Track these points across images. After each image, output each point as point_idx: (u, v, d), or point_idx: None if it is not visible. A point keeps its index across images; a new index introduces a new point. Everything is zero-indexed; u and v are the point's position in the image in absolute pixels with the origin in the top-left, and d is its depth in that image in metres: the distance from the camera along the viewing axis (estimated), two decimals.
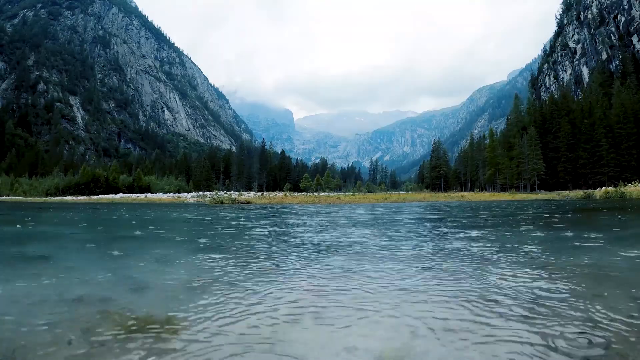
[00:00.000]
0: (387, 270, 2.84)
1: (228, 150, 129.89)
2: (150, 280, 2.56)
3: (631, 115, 51.40)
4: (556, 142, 56.53)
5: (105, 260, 3.51)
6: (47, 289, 2.31)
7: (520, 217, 9.12)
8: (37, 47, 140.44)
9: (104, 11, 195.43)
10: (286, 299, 2.06)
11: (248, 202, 22.09)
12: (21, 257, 3.76)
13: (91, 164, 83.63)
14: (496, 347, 1.37)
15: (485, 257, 3.36)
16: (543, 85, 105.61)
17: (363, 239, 4.96)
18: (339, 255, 3.57)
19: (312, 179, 73.92)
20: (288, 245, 4.45)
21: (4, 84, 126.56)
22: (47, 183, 58.72)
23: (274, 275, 2.71)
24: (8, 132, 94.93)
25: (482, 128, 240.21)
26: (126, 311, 1.83)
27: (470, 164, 71.69)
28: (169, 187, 65.77)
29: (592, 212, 10.79)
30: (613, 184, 30.89)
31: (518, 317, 1.69)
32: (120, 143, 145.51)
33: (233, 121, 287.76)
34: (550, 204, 17.36)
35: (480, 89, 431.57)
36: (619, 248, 3.73)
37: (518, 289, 2.20)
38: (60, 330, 1.57)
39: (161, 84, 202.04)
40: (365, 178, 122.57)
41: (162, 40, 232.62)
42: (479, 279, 2.49)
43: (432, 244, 4.42)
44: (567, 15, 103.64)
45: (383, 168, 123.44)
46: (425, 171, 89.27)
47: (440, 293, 2.14)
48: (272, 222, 8.34)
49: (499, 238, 4.95)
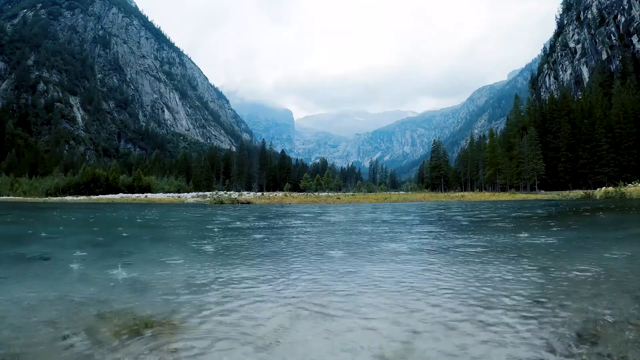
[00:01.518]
0: (387, 270, 2.84)
1: (228, 150, 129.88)
2: (150, 280, 2.56)
3: (631, 115, 51.39)
4: (556, 142, 56.53)
5: (105, 260, 3.51)
6: (47, 289, 2.31)
7: (520, 217, 9.12)
8: (37, 47, 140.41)
9: (104, 11, 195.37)
10: (286, 299, 2.06)
11: (248, 202, 22.08)
12: (21, 257, 3.76)
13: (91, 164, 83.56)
14: (496, 347, 1.37)
15: (485, 257, 3.36)
16: (543, 85, 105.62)
17: (364, 238, 4.96)
18: (339, 256, 3.57)
19: (312, 179, 73.95)
20: (288, 245, 4.45)
21: (4, 84, 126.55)
22: (47, 183, 58.69)
23: (274, 275, 2.72)
24: (8, 132, 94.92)
25: (482, 128, 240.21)
26: (126, 311, 1.83)
27: (470, 164, 71.70)
28: (169, 187, 65.75)
29: (592, 212, 10.79)
30: (613, 184, 30.89)
31: (518, 317, 1.69)
32: (120, 143, 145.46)
33: (233, 121, 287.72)
34: (550, 204, 17.36)
35: (480, 89, 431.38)
36: (619, 248, 3.73)
37: (518, 288, 2.20)
38: (60, 330, 1.57)
39: (161, 84, 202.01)
40: (365, 178, 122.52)
41: (162, 40, 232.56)
42: (479, 279, 2.49)
43: (433, 244, 4.42)
44: (567, 15, 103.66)
45: (383, 168, 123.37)
46: (425, 171, 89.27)
47: (440, 293, 2.14)
48: (272, 222, 8.33)
49: (499, 238, 4.95)
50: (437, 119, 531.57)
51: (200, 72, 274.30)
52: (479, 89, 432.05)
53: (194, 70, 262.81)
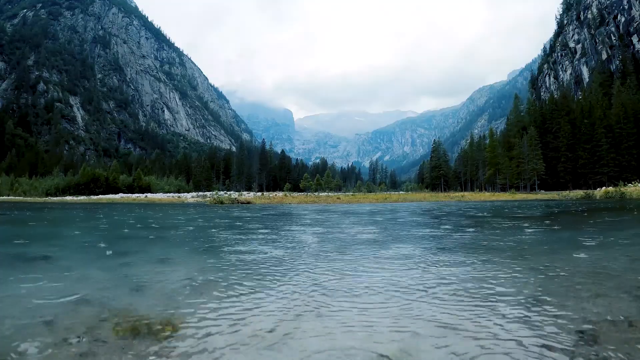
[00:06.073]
0: (387, 270, 2.84)
1: (228, 150, 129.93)
2: (150, 280, 2.56)
3: (631, 115, 51.41)
4: (556, 142, 56.55)
5: (105, 260, 3.51)
6: (47, 289, 2.31)
7: (520, 217, 9.13)
8: (37, 47, 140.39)
9: (104, 11, 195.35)
10: (286, 299, 2.06)
11: (248, 202, 22.08)
12: (21, 257, 3.76)
13: (91, 164, 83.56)
14: (496, 347, 1.37)
15: (485, 257, 3.36)
16: (543, 85, 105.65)
17: (364, 238, 4.96)
18: (339, 256, 3.58)
19: (312, 179, 73.99)
20: (288, 245, 4.45)
21: (4, 84, 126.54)
22: (47, 183, 58.68)
23: (274, 275, 2.72)
24: (8, 132, 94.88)
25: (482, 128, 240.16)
26: (126, 311, 1.83)
27: (470, 164, 71.73)
28: (169, 187, 65.78)
29: (592, 212, 10.79)
30: (613, 184, 30.90)
31: (518, 317, 1.69)
32: (120, 143, 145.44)
33: (233, 121, 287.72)
34: (550, 204, 17.36)
35: (480, 89, 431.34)
36: (619, 248, 3.73)
37: (518, 289, 2.21)
38: (60, 330, 1.57)
39: (161, 84, 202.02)
40: (365, 178, 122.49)
41: (162, 40, 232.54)
42: (479, 279, 2.49)
43: (433, 244, 4.42)
44: (567, 15, 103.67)
45: (383, 168, 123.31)
46: (425, 171, 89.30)
47: (440, 293, 2.14)
48: (272, 222, 8.33)
49: (499, 238, 4.95)
50: (437, 119, 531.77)
51: (200, 72, 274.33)
52: (479, 89, 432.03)
53: (193, 70, 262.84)
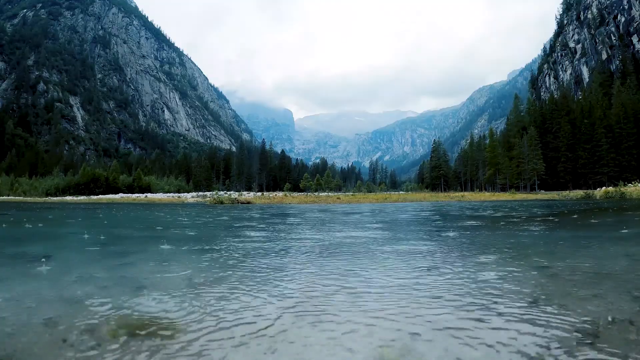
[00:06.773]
0: (387, 270, 2.84)
1: (228, 150, 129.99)
2: (150, 280, 2.56)
3: (631, 115, 51.43)
4: (556, 142, 56.56)
5: (105, 260, 3.51)
6: (47, 289, 2.30)
7: (520, 217, 9.12)
8: (37, 47, 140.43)
9: (104, 11, 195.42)
10: (287, 299, 2.06)
11: (248, 202, 22.08)
12: (21, 257, 3.76)
13: (91, 164, 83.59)
14: (496, 347, 1.38)
15: (485, 257, 3.36)
16: (543, 85, 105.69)
17: (365, 238, 4.96)
18: (340, 256, 3.57)
19: (312, 179, 74.01)
20: (288, 245, 4.45)
21: (4, 84, 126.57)
22: (47, 183, 58.70)
23: (274, 275, 2.71)
24: (8, 132, 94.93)
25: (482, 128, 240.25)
26: (126, 311, 1.82)
27: (470, 164, 71.76)
28: (169, 187, 65.83)
29: (592, 212, 10.79)
30: (613, 184, 30.89)
31: (518, 317, 1.69)
32: (120, 143, 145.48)
33: (233, 121, 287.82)
34: (550, 204, 17.36)
35: (480, 89, 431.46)
36: (619, 248, 3.73)
37: (518, 288, 2.20)
38: (60, 330, 1.56)
39: (161, 84, 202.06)
40: (365, 178, 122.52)
41: (162, 40, 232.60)
42: (479, 279, 2.49)
43: (433, 244, 4.42)
44: (567, 15, 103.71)
45: (383, 168, 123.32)
46: (425, 171, 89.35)
47: (440, 293, 2.14)
48: (272, 222, 8.33)
49: (499, 238, 4.95)
50: (437, 119, 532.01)
51: (200, 72, 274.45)
52: (479, 89, 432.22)
53: (193, 70, 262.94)
